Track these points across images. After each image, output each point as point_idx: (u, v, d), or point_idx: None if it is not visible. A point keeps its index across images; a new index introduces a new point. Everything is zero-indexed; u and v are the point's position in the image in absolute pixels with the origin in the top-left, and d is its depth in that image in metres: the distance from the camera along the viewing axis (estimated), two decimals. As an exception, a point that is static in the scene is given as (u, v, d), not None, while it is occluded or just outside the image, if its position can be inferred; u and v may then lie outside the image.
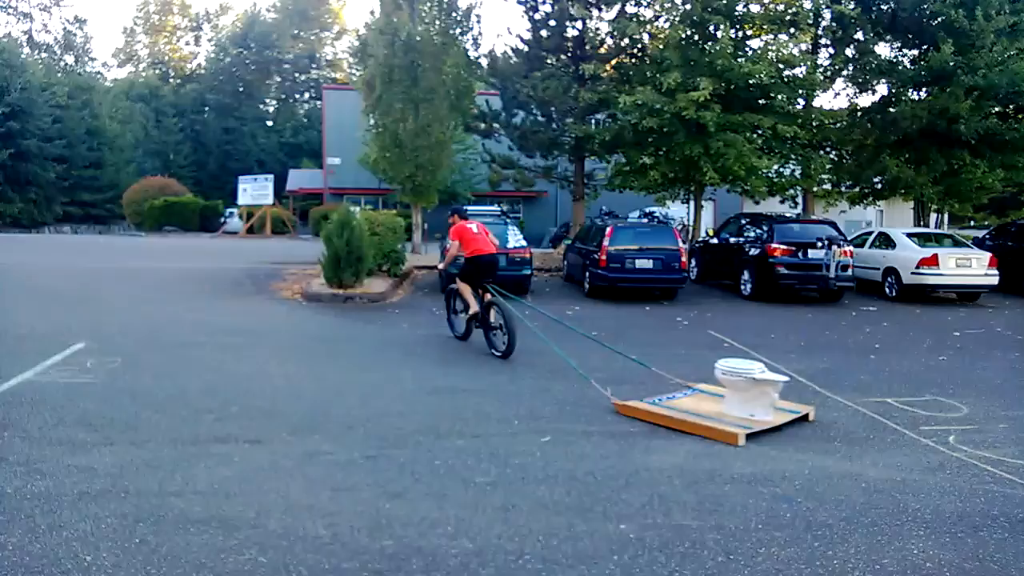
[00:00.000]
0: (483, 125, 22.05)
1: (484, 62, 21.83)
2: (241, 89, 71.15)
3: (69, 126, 53.04)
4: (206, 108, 70.08)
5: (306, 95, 76.30)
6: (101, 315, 10.92)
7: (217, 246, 28.19)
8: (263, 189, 40.34)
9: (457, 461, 5.38)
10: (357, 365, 8.54)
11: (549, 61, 21.00)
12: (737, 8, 17.90)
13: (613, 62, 20.23)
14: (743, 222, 17.23)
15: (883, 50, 19.21)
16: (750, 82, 17.60)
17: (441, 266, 11.14)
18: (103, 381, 7.29)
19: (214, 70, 72.94)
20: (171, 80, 75.35)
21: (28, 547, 3.84)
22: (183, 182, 52.07)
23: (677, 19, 18.08)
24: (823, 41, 19.44)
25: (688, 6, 17.84)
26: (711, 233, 18.71)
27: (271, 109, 75.10)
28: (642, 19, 19.40)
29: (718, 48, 17.11)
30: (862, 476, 5.33)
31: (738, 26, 18.25)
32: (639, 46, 19.71)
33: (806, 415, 6.94)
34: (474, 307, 9.97)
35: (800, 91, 18.60)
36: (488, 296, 10.02)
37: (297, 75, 76.28)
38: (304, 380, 7.70)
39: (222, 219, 45.10)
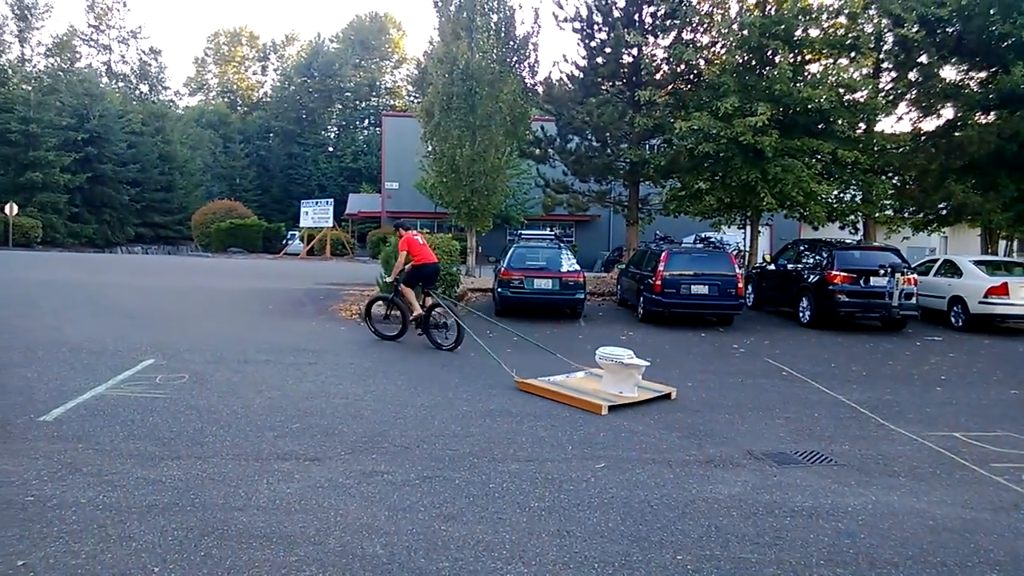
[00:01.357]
0: (538, 151, 22.20)
1: (540, 89, 22.03)
2: (304, 116, 73.24)
3: (143, 151, 55.33)
4: (271, 135, 72.33)
5: (366, 122, 78.11)
6: (169, 332, 11.31)
7: (279, 267, 28.89)
8: (324, 212, 41.36)
9: (512, 485, 5.41)
10: (413, 386, 8.65)
11: (604, 87, 21.08)
12: (796, 33, 17.72)
13: (669, 88, 20.21)
14: (802, 248, 16.94)
15: (949, 73, 18.76)
16: (809, 107, 17.37)
17: (390, 278, 11.92)
18: (171, 396, 7.56)
19: (279, 98, 75.34)
20: (239, 108, 78.09)
21: (99, 556, 4.01)
22: (248, 205, 53.71)
23: (734, 44, 17.99)
24: (885, 65, 19.06)
25: (745, 32, 17.74)
26: (768, 259, 18.40)
27: (332, 135, 77.04)
28: (698, 45, 19.36)
29: (776, 73, 16.97)
30: (928, 513, 5.18)
31: (797, 51, 18.07)
32: (695, 72, 19.65)
33: (668, 394, 8.58)
34: (417, 310, 11.33)
35: (861, 115, 18.27)
36: (430, 299, 11.54)
37: (358, 103, 78.18)
38: (362, 400, 7.84)
39: (284, 241, 46.32)
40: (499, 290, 15.10)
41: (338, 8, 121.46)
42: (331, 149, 73.87)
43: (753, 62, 18.49)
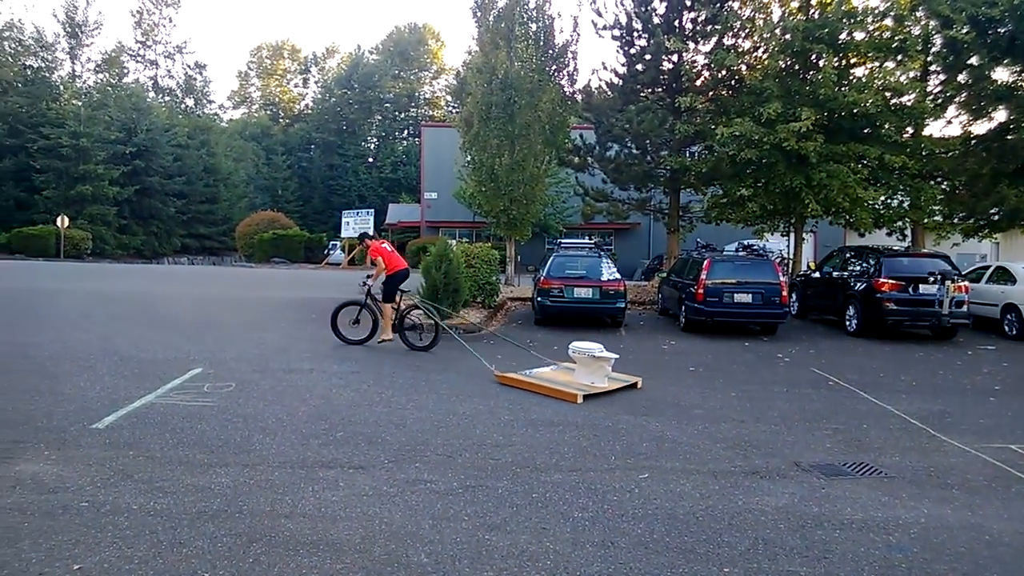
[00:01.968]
0: (577, 159, 22.18)
1: (579, 97, 22.02)
2: (344, 128, 74.28)
3: (188, 164, 56.63)
4: (312, 146, 73.50)
5: (405, 132, 78.95)
6: (216, 341, 11.53)
7: (321, 277, 29.25)
8: (364, 222, 41.78)
9: (555, 495, 5.39)
10: (455, 395, 8.68)
11: (644, 94, 20.99)
12: (840, 36, 17.43)
13: (710, 94, 20.05)
14: (848, 255, 16.63)
15: (1001, 75, 18.26)
16: (855, 111, 17.07)
17: (371, 282, 11.87)
18: (219, 405, 7.69)
19: (320, 110, 76.56)
20: (281, 120, 79.53)
21: (151, 562, 4.09)
22: (290, 216, 54.58)
23: (777, 49, 17.76)
24: (933, 67, 18.63)
25: (788, 36, 17.51)
26: (813, 266, 18.10)
27: (372, 146, 77.99)
28: (740, 50, 19.17)
29: (820, 77, 16.70)
30: (984, 528, 5.03)
31: (841, 54, 17.78)
32: (737, 77, 19.46)
33: (635, 383, 9.39)
34: (389, 335, 11.60)
35: (909, 119, 17.89)
36: (406, 301, 11.87)
37: (397, 113, 79.08)
38: (405, 409, 7.89)
39: (326, 251, 46.93)
40: (539, 299, 15.08)
41: (378, 20, 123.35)
42: (371, 160, 74.78)
43: (796, 66, 18.24)
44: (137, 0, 78.29)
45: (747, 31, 19.17)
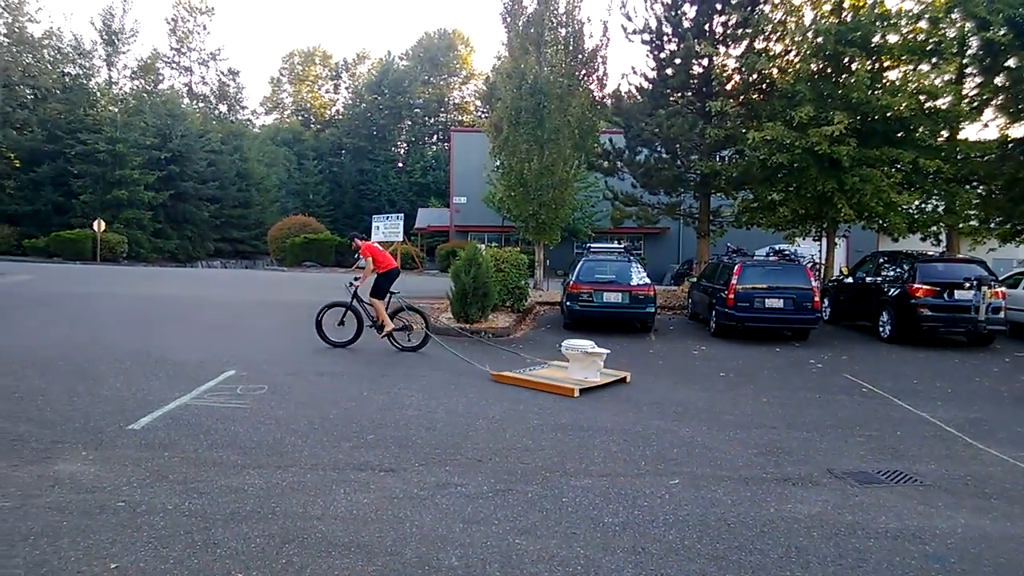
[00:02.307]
0: (606, 163, 22.13)
1: (609, 101, 21.98)
2: (375, 133, 74.87)
3: (221, 169, 57.43)
4: (343, 151, 74.16)
5: (434, 137, 79.35)
6: (248, 344, 11.68)
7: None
8: (395, 227, 41.98)
9: (585, 500, 5.38)
10: (484, 399, 8.70)
11: (674, 98, 20.90)
12: (873, 39, 17.21)
13: (740, 98, 19.90)
14: (881, 260, 16.39)
15: (1039, 77, 17.91)
16: (888, 115, 16.86)
17: (359, 283, 11.95)
18: (252, 407, 7.79)
19: (351, 116, 77.24)
20: (312, 126, 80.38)
21: (186, 562, 4.15)
22: (321, 220, 55.05)
23: (809, 52, 17.59)
24: (969, 70, 18.30)
25: (820, 39, 17.33)
26: (845, 271, 17.86)
27: (402, 151, 78.47)
28: (771, 54, 19.00)
29: (853, 81, 16.52)
30: (1024, 538, 4.92)
31: (875, 58, 17.56)
32: (768, 81, 19.30)
33: (624, 378, 9.93)
34: (389, 325, 11.71)
35: (944, 123, 17.59)
36: (395, 303, 11.99)
37: (426, 119, 79.51)
38: (434, 412, 7.92)
39: (356, 255, 47.24)
40: (568, 303, 15.06)
41: (408, 26, 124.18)
42: (400, 164, 75.26)
43: (829, 70, 18.05)
44: (172, 8, 79.76)
45: (778, 34, 19.01)
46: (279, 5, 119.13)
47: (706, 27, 20.13)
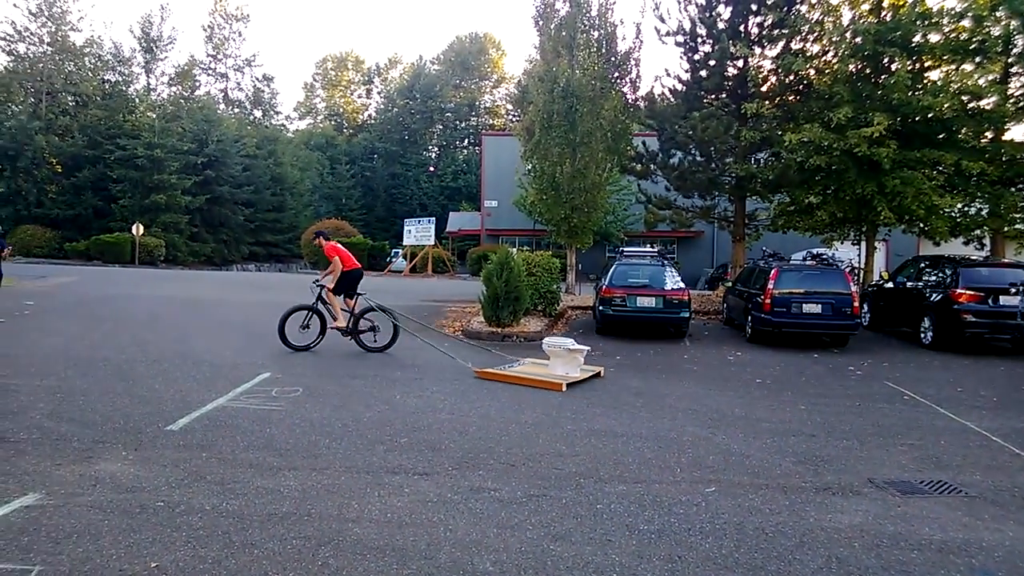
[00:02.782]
0: (640, 166, 21.99)
1: (642, 104, 21.84)
2: (406, 137, 75.36)
3: (256, 174, 58.17)
4: (375, 155, 74.75)
5: (465, 141, 79.60)
6: (283, 347, 11.75)
7: (384, 284, 29.63)
8: (426, 231, 42.24)
9: (619, 506, 5.32)
10: (517, 403, 8.66)
11: (708, 100, 20.71)
12: (914, 39, 16.87)
13: (776, 99, 19.64)
14: (923, 265, 16.04)
15: (1089, 75, 17.41)
16: (930, 116, 16.49)
17: (329, 284, 11.84)
18: (286, 409, 7.85)
19: (383, 120, 77.85)
20: (344, 130, 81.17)
21: (224, 562, 4.17)
22: (353, 224, 55.57)
23: (847, 53, 17.29)
24: (1015, 69, 17.85)
25: (859, 39, 17.03)
26: (885, 276, 17.51)
27: (433, 155, 78.84)
28: (808, 54, 18.74)
29: (893, 81, 16.19)
30: (1078, 551, 4.75)
31: (915, 57, 17.21)
32: (805, 82, 19.03)
33: (598, 373, 10.51)
34: (341, 321, 11.73)
35: (988, 124, 17.16)
36: (360, 304, 11.94)
37: (458, 123, 79.83)
38: (467, 416, 7.91)
39: (388, 259, 47.61)
40: (600, 308, 14.96)
41: (440, 30, 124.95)
42: (432, 169, 75.62)
43: (868, 70, 17.74)
44: (208, 15, 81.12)
45: (815, 35, 18.74)
46: (312, 12, 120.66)
47: (741, 28, 19.92)
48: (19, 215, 46.32)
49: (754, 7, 19.79)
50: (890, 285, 16.62)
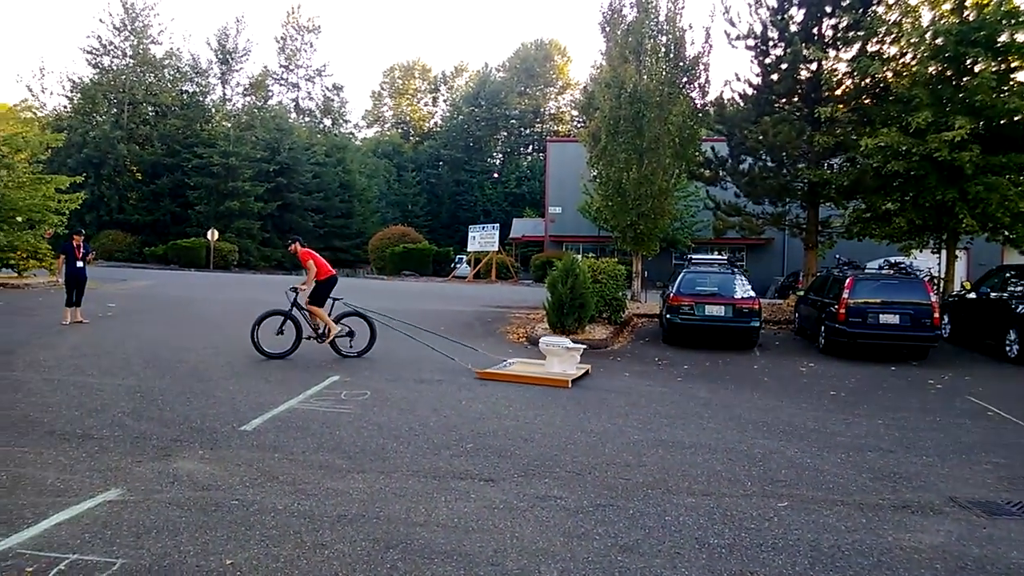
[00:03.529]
0: (708, 172, 21.65)
1: (711, 109, 21.51)
2: (471, 144, 76.00)
3: (326, 181, 59.60)
4: (440, 163, 75.62)
5: (529, 148, 79.82)
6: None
7: (448, 290, 29.93)
8: (490, 237, 42.49)
9: (689, 519, 5.21)
10: (582, 411, 8.61)
11: (779, 105, 20.27)
12: (999, 39, 16.15)
13: (851, 103, 19.08)
14: (1008, 275, 15.30)
15: None
16: (1016, 119, 15.77)
17: (306, 287, 11.53)
18: (355, 412, 7.97)
19: (448, 127, 78.71)
20: (411, 138, 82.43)
21: (296, 561, 4.24)
22: (419, 230, 56.33)
23: (927, 55, 16.67)
24: (1112, 68, 16.97)
25: (940, 40, 16.40)
26: (967, 286, 16.78)
27: (497, 162, 79.29)
28: (885, 57, 18.15)
29: (977, 83, 15.54)
30: None
31: (1001, 58, 16.46)
32: (882, 85, 18.44)
33: (587, 371, 10.93)
34: (334, 329, 11.47)
35: (1081, 127, 16.33)
36: (341, 308, 11.83)
37: (522, 129, 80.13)
38: (532, 423, 7.89)
39: (452, 264, 48.05)
40: (668, 316, 14.76)
41: (505, 38, 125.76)
42: (496, 175, 76.07)
43: (949, 72, 17.06)
44: (281, 27, 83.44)
45: (893, 36, 18.12)
46: (381, 21, 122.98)
47: (814, 31, 19.45)
48: (102, 220, 48.52)
49: (828, 9, 19.31)
50: (972, 296, 15.92)
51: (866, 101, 18.94)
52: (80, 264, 14.61)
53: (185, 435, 6.82)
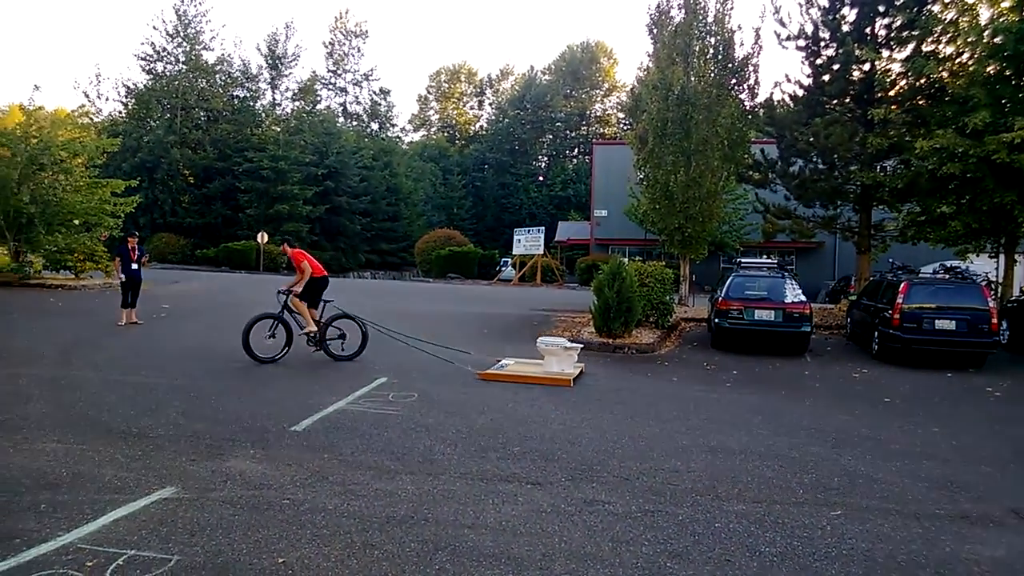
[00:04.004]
0: (757, 175, 21.33)
1: (760, 111, 21.19)
2: (517, 147, 76.15)
3: (373, 184, 60.29)
4: (486, 166, 75.90)
5: (575, 151, 79.63)
6: (399, 352, 12.08)
7: (494, 293, 30.02)
8: (535, 240, 42.49)
9: (739, 526, 5.15)
10: (629, 415, 8.56)
11: (831, 106, 19.88)
12: (1063, 36, 15.61)
13: (906, 104, 18.62)
14: (1072, 280, 14.80)
15: None
16: (1080, 119, 15.21)
17: (298, 289, 11.42)
18: (403, 414, 8.06)
19: (494, 131, 78.96)
20: (457, 141, 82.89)
21: (346, 561, 4.32)
22: (464, 233, 56.61)
23: (985, 54, 16.17)
24: None
25: (999, 39, 15.89)
26: (1027, 291, 16.27)
27: (542, 165, 79.28)
28: (941, 56, 17.67)
29: (1038, 83, 15.05)
30: None
31: (1064, 56, 15.92)
32: (937, 85, 17.94)
33: (582, 370, 11.00)
34: (312, 326, 11.39)
35: None
36: (333, 310, 11.79)
37: (568, 132, 79.95)
38: (579, 428, 7.87)
39: (498, 267, 48.19)
40: (716, 320, 14.58)
41: (551, 40, 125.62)
42: (541, 178, 76.05)
43: (1008, 72, 16.50)
44: (329, 33, 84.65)
45: (949, 35, 17.62)
46: (428, 26, 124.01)
47: (867, 31, 19.04)
48: (155, 223, 49.82)
49: (881, 8, 18.89)
50: (1033, 301, 15.41)
51: (921, 102, 18.47)
52: (135, 266, 15.03)
53: (237, 435, 6.97)
